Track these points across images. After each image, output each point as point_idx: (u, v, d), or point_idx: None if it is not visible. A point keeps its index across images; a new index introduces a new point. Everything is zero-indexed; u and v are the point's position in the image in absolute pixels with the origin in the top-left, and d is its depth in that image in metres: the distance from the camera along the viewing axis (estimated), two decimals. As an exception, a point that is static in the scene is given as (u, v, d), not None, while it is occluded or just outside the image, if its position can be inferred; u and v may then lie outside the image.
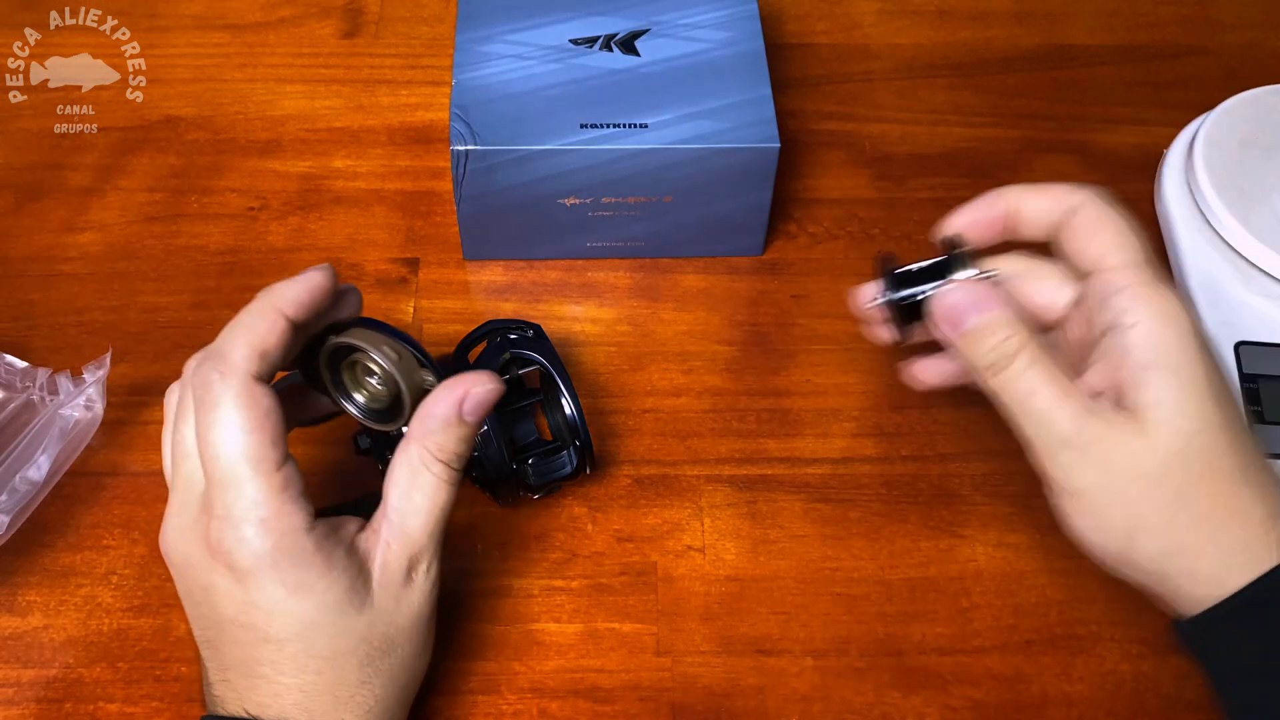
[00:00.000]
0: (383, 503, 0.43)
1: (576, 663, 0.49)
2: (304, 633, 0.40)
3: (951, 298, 0.42)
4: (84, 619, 0.49)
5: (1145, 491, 0.38)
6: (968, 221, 0.45)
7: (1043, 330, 0.44)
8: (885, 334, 0.47)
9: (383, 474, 0.48)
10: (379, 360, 0.42)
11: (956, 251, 0.43)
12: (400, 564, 0.42)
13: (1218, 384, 0.39)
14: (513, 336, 0.50)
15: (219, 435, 0.39)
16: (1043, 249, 0.45)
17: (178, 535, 0.41)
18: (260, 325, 0.41)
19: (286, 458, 0.40)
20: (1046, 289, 0.44)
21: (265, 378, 0.41)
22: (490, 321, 0.52)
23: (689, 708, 0.48)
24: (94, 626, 0.49)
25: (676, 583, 0.51)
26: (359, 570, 0.41)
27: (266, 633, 0.40)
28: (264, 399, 0.40)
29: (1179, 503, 0.38)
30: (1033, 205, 0.43)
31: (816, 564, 0.51)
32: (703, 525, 0.52)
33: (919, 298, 0.44)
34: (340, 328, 0.44)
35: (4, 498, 0.49)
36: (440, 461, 0.42)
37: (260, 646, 0.40)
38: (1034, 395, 0.40)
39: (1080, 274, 0.43)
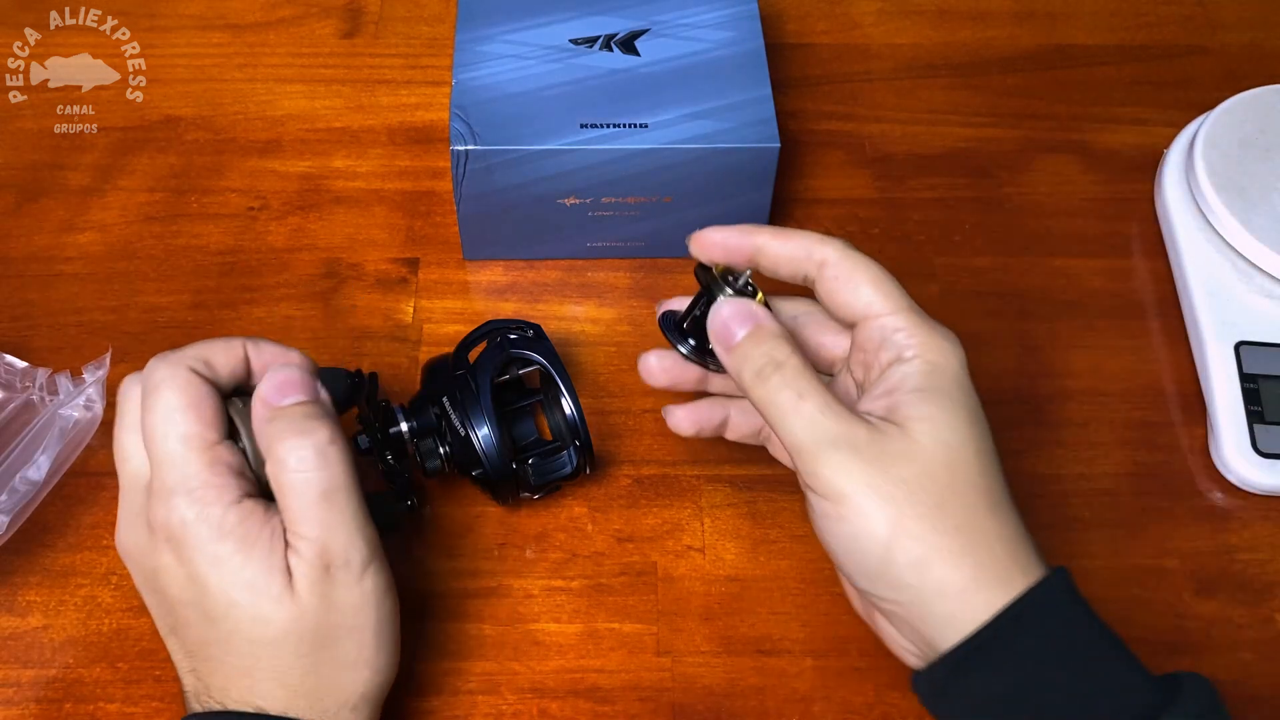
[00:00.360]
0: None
1: (576, 663, 0.49)
2: (229, 612, 0.40)
3: (720, 315, 0.43)
4: (84, 619, 0.49)
5: (909, 494, 0.39)
6: (719, 248, 0.45)
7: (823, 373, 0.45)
8: (690, 377, 0.48)
9: (383, 474, 0.48)
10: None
11: (715, 275, 0.44)
12: (312, 562, 0.40)
13: (981, 418, 0.41)
14: (513, 336, 0.50)
15: (158, 416, 0.41)
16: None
17: (128, 525, 0.42)
18: (218, 344, 0.43)
19: (221, 439, 0.41)
20: (829, 332, 0.46)
21: (209, 379, 0.42)
22: (490, 322, 0.52)
23: (689, 708, 0.48)
24: (94, 626, 0.49)
25: (676, 583, 0.51)
26: (280, 559, 0.40)
27: (205, 609, 0.40)
28: (201, 387, 0.41)
29: (939, 511, 0.39)
30: (778, 251, 0.44)
31: (816, 564, 0.51)
32: (703, 525, 0.52)
33: (700, 329, 0.44)
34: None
35: (4, 498, 0.49)
36: (296, 431, 0.41)
37: (205, 626, 0.40)
38: (804, 399, 0.40)
39: (846, 322, 0.44)
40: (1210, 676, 0.49)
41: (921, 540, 0.39)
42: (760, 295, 0.44)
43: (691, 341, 0.46)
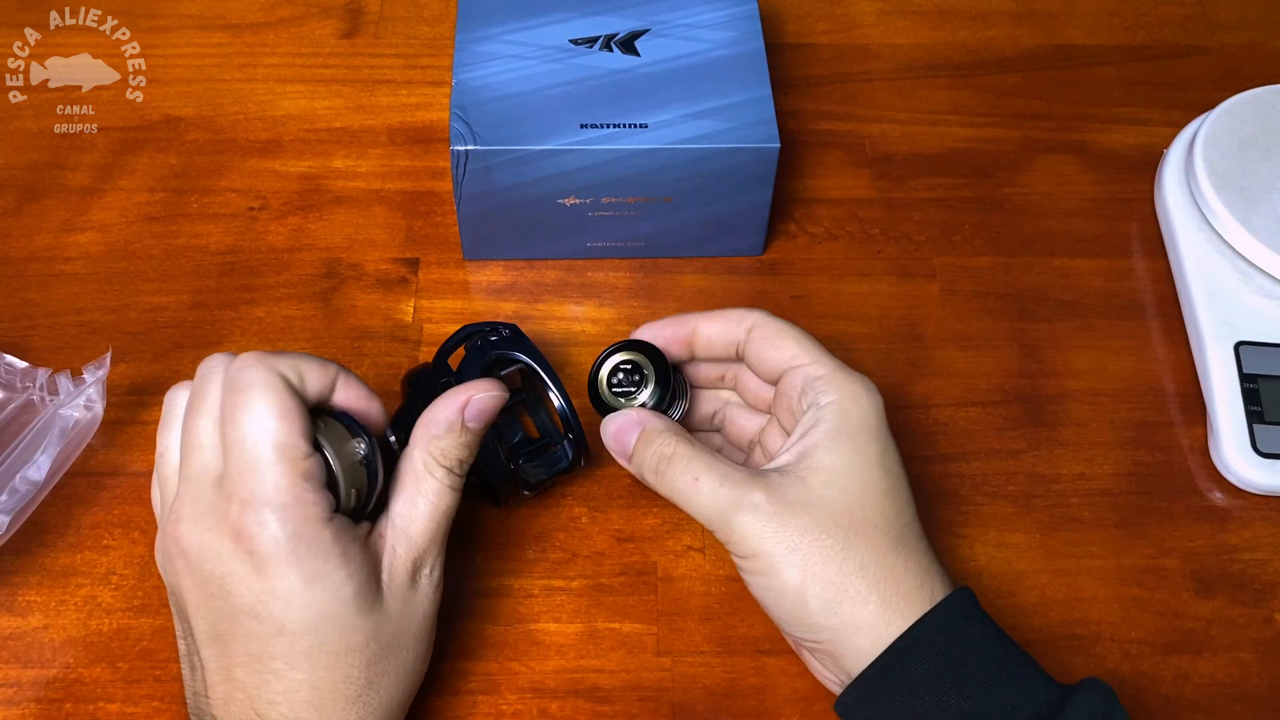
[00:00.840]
0: (388, 507, 0.43)
1: (576, 663, 0.49)
2: (318, 625, 0.40)
3: (609, 430, 0.46)
4: (84, 619, 0.49)
5: (813, 541, 0.42)
6: (663, 341, 0.48)
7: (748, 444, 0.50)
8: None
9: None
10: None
11: (601, 394, 0.48)
12: (406, 567, 0.42)
13: (889, 460, 0.44)
14: (493, 339, 0.50)
15: (248, 419, 0.40)
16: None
17: (193, 523, 0.41)
18: (314, 362, 0.43)
19: (311, 453, 0.41)
20: (745, 414, 0.50)
21: (299, 392, 0.42)
22: (465, 326, 0.52)
23: (689, 708, 0.48)
24: (94, 626, 0.49)
25: (676, 583, 0.51)
26: (372, 569, 0.41)
27: (281, 623, 0.40)
28: (294, 399, 0.41)
29: (844, 554, 0.42)
30: (709, 328, 0.48)
31: (816, 564, 0.51)
32: (703, 525, 0.52)
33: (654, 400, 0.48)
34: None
35: (4, 498, 0.49)
36: (443, 467, 0.43)
37: (274, 639, 0.40)
38: (700, 479, 0.43)
39: (772, 378, 0.47)
40: (1210, 676, 0.49)
41: (830, 583, 0.41)
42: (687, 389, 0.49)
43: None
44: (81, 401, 0.52)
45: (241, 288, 0.60)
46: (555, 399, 0.49)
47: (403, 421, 0.48)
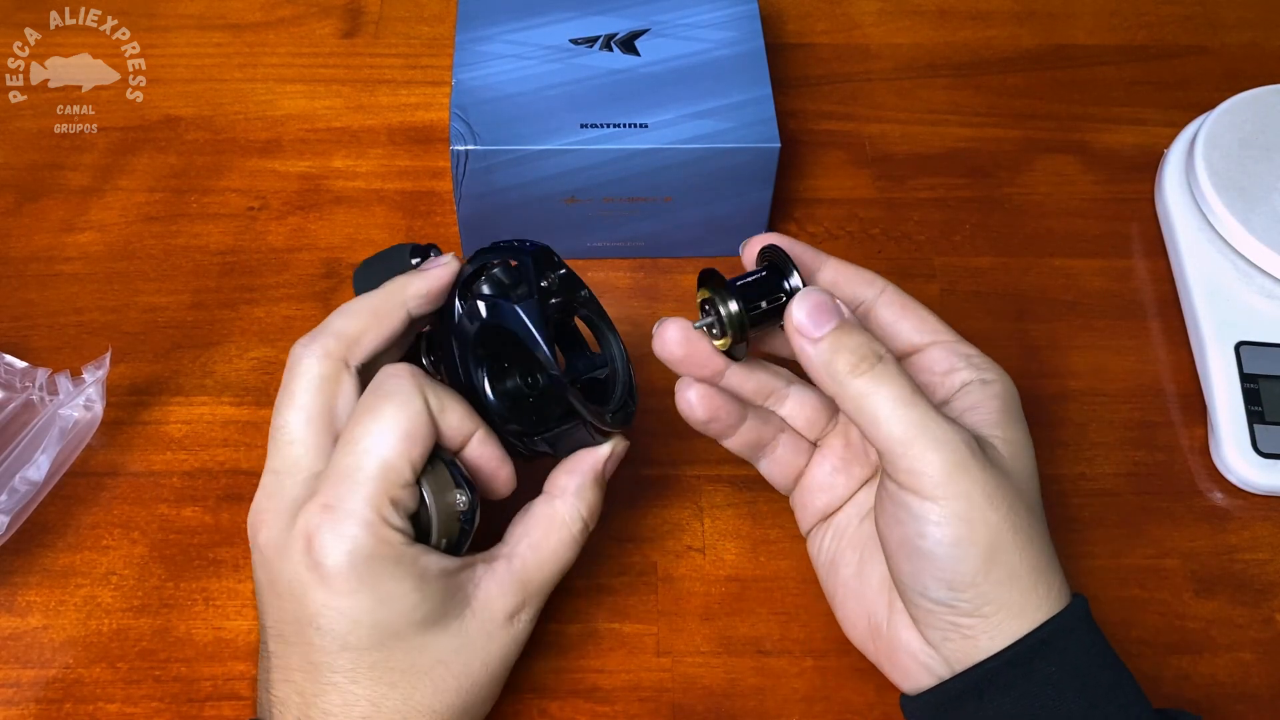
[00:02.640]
0: (507, 543, 0.43)
1: (576, 663, 0.49)
2: (385, 643, 0.39)
3: (811, 301, 0.40)
4: (84, 619, 0.49)
5: (1012, 504, 0.39)
6: (788, 247, 0.43)
7: None
8: (710, 364, 0.44)
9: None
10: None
11: (782, 262, 0.42)
12: (507, 606, 0.42)
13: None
14: (543, 285, 0.44)
15: (374, 425, 0.39)
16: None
17: (274, 519, 0.40)
18: (460, 408, 0.42)
19: (410, 483, 0.40)
20: (806, 412, 0.47)
21: (435, 424, 0.41)
22: (479, 254, 0.45)
23: (689, 708, 0.48)
24: (94, 627, 0.49)
25: (676, 583, 0.51)
26: (454, 594, 0.40)
27: (346, 639, 0.39)
28: (428, 426, 0.40)
29: (1028, 527, 0.40)
30: (842, 274, 0.45)
31: (816, 564, 0.51)
32: (703, 525, 0.52)
33: (764, 307, 0.42)
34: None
35: (4, 498, 0.49)
36: (583, 520, 0.44)
37: (338, 653, 0.39)
38: (916, 394, 0.39)
39: (904, 348, 0.45)
40: (1210, 676, 0.49)
41: (1008, 549, 0.39)
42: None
43: (735, 305, 0.42)
44: (81, 401, 0.52)
45: (241, 288, 0.60)
46: (615, 346, 0.46)
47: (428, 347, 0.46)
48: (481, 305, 0.43)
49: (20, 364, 0.54)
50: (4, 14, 0.71)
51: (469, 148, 0.55)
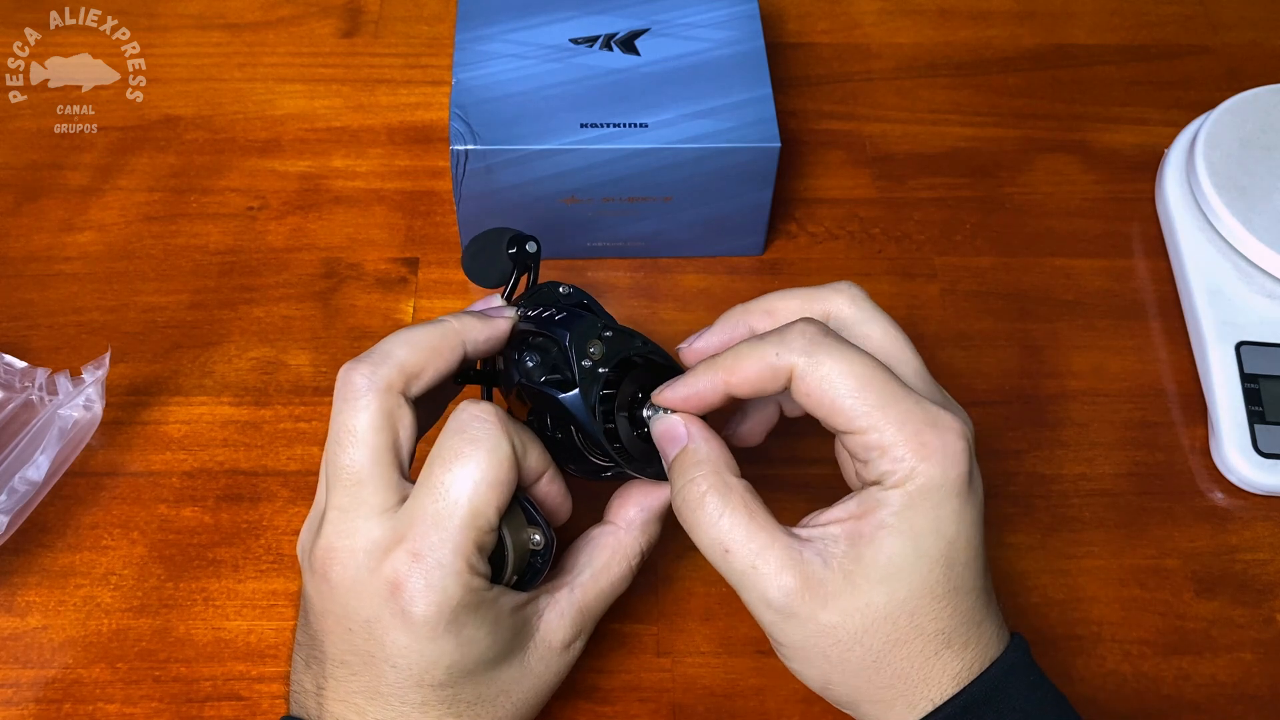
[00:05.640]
0: (570, 571, 0.44)
1: (576, 662, 0.48)
2: (457, 680, 0.39)
3: (659, 428, 0.43)
4: (83, 619, 0.49)
5: (844, 653, 0.38)
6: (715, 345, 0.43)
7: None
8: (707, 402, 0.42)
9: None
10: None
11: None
12: (567, 633, 0.42)
13: (960, 549, 0.38)
14: (607, 334, 0.44)
15: (465, 473, 0.39)
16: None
17: (350, 559, 0.39)
18: (539, 443, 0.42)
19: (495, 528, 0.40)
20: None
21: (518, 470, 0.41)
22: (529, 298, 0.46)
23: (689, 708, 0.48)
24: (93, 627, 0.49)
25: (676, 583, 0.51)
26: (522, 628, 0.41)
27: (422, 678, 0.39)
28: (512, 473, 0.40)
29: (875, 667, 0.38)
30: (740, 379, 0.41)
31: (817, 564, 0.51)
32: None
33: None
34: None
35: (3, 498, 0.49)
36: (643, 553, 0.45)
37: (411, 689, 0.39)
38: (730, 552, 0.39)
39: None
40: (1210, 677, 0.49)
41: (853, 690, 0.39)
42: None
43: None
44: (80, 401, 0.52)
45: (241, 287, 0.60)
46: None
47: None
48: (526, 394, 0.44)
49: (20, 364, 0.54)
50: (4, 14, 0.71)
51: (469, 147, 0.55)
